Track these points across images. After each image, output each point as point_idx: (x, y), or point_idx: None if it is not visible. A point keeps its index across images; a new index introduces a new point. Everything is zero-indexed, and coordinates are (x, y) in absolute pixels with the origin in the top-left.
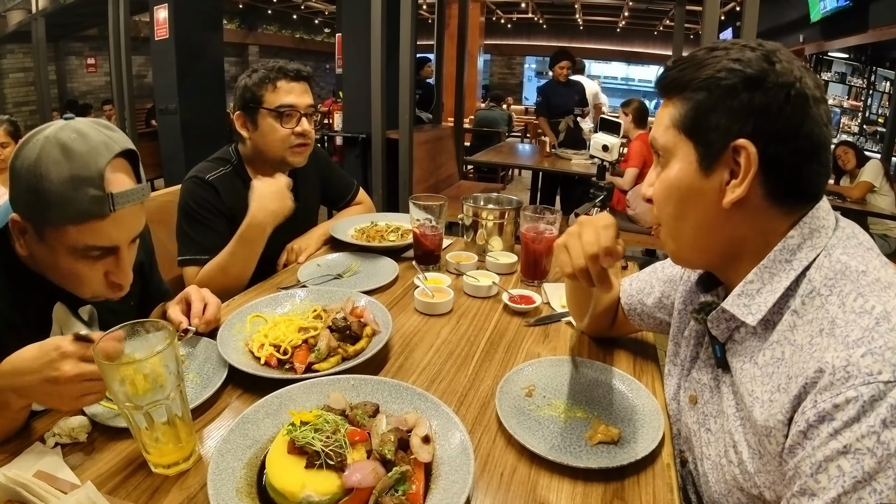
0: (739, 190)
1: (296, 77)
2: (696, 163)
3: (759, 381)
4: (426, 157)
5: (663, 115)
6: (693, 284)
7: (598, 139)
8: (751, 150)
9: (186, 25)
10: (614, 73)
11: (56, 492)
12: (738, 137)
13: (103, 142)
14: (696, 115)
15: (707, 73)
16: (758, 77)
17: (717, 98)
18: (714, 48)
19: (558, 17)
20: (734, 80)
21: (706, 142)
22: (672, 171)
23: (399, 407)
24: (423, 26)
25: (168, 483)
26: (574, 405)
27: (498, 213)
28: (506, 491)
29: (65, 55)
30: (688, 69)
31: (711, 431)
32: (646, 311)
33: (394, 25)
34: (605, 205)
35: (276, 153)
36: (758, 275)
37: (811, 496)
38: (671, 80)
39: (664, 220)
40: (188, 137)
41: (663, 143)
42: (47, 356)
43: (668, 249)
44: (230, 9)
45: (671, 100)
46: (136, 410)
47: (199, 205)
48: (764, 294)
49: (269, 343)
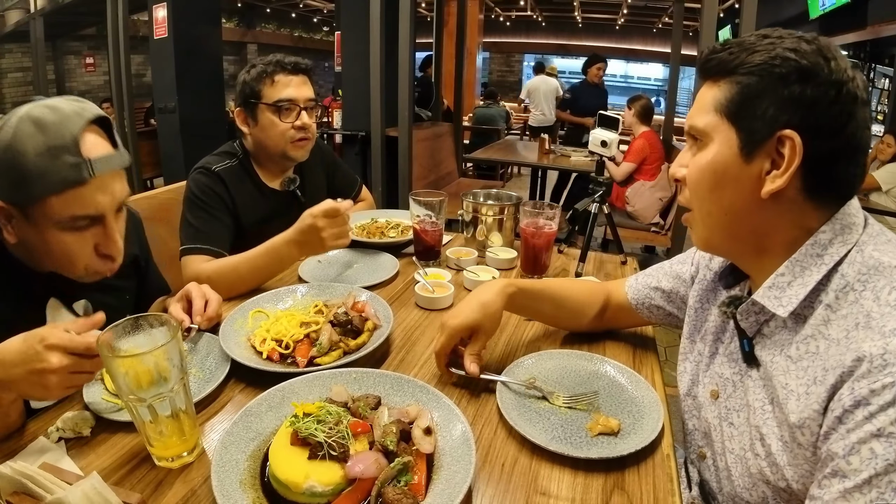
0: (780, 181)
1: (293, 70)
2: (736, 148)
3: (794, 375)
4: (425, 154)
5: (705, 97)
6: (710, 282)
7: (597, 135)
8: (797, 142)
9: (185, 24)
10: (613, 71)
11: (62, 483)
12: (785, 128)
13: (75, 111)
14: (743, 100)
15: (760, 58)
16: (812, 70)
17: (767, 85)
18: (767, 35)
19: (557, 15)
20: (787, 70)
21: (750, 128)
22: (710, 154)
23: (401, 399)
24: (421, 24)
25: (172, 476)
26: (574, 397)
27: (497, 208)
28: (507, 481)
29: (63, 54)
30: (739, 52)
31: (734, 426)
32: (654, 304)
33: (393, 23)
34: (603, 200)
35: (277, 148)
36: (789, 268)
37: (842, 477)
38: (718, 62)
39: (696, 203)
40: (187, 136)
41: (703, 125)
42: (32, 348)
43: (697, 233)
44: (228, 7)
45: (716, 82)
46: (140, 403)
47: (206, 194)
48: (795, 287)
49: (271, 338)
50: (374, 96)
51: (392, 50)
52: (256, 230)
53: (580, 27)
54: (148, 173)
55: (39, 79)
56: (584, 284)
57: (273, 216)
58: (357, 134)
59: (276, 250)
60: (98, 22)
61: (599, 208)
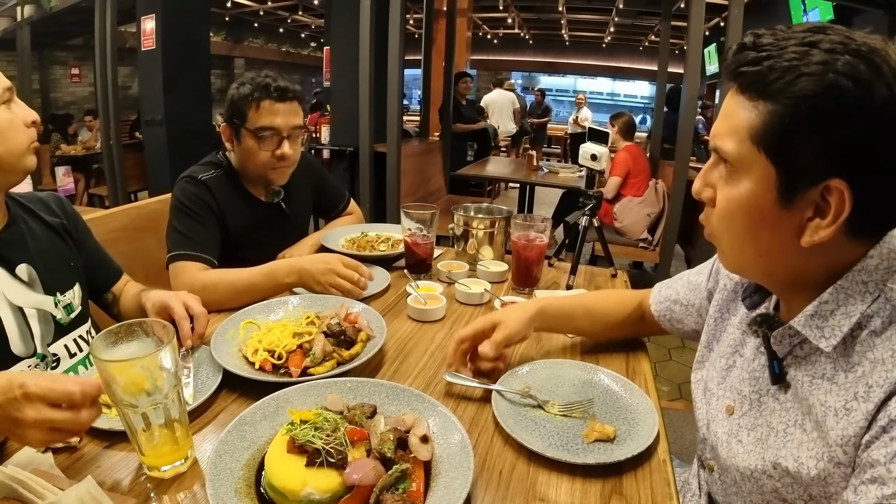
0: (824, 233)
1: (280, 97)
2: (775, 190)
3: (836, 395)
4: (414, 170)
5: (738, 116)
6: (731, 292)
7: (587, 149)
8: (847, 194)
9: (174, 36)
10: (600, 89)
11: (54, 488)
12: (834, 177)
13: None
14: (785, 136)
15: (809, 86)
16: (871, 105)
17: (817, 124)
18: (811, 41)
19: (544, 33)
20: (842, 107)
21: (793, 171)
22: (742, 191)
23: (396, 408)
24: (410, 41)
25: (163, 486)
26: (569, 405)
27: (488, 222)
28: (506, 488)
29: (49, 64)
30: (779, 69)
31: (743, 444)
32: (675, 317)
33: (382, 40)
34: (593, 213)
35: (256, 171)
36: (833, 295)
37: (881, 484)
38: (756, 77)
39: (724, 236)
40: (174, 149)
41: (736, 153)
42: (11, 393)
43: (727, 260)
44: (216, 21)
45: (751, 100)
46: (132, 410)
47: (193, 202)
48: (838, 317)
49: (264, 348)
50: (363, 112)
51: (381, 66)
52: (242, 239)
53: (567, 45)
54: (133, 186)
55: (25, 88)
56: (614, 295)
57: (259, 226)
58: (345, 149)
59: (274, 273)
60: (85, 32)
61: (590, 221)
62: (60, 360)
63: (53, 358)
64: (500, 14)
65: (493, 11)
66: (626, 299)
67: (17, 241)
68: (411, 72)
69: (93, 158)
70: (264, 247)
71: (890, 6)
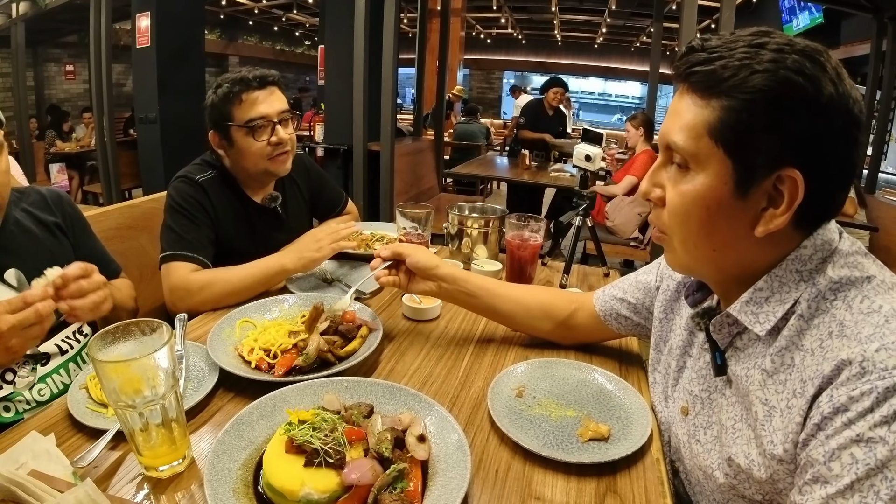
0: (779, 220)
1: (260, 85)
2: (731, 183)
3: (773, 389)
4: (407, 169)
5: (691, 114)
6: (674, 292)
7: (581, 149)
8: (800, 182)
9: (169, 33)
10: (591, 89)
11: (53, 491)
12: (788, 166)
13: None
14: (742, 130)
15: (762, 82)
16: (820, 98)
17: (772, 116)
18: (759, 42)
19: (537, 33)
20: (794, 100)
21: (749, 163)
22: (698, 185)
23: (393, 408)
24: (404, 40)
25: (161, 486)
26: (564, 404)
27: (483, 221)
28: (502, 487)
29: (43, 61)
30: (732, 67)
31: (701, 443)
32: (622, 315)
33: (376, 39)
34: (587, 213)
35: (257, 167)
36: (768, 282)
37: (824, 483)
38: (706, 77)
39: (677, 232)
40: (168, 147)
41: (692, 150)
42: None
43: (676, 259)
44: (211, 19)
45: (704, 98)
46: (130, 410)
47: (188, 202)
48: (772, 303)
49: (259, 347)
50: (357, 111)
51: (375, 65)
52: (237, 242)
53: (559, 45)
54: (127, 184)
55: (19, 85)
56: (548, 291)
57: (254, 229)
58: (339, 148)
59: (269, 263)
60: (80, 30)
61: (583, 221)
62: (50, 358)
63: (43, 356)
64: (494, 14)
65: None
66: (559, 296)
67: (7, 245)
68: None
69: (87, 156)
70: (259, 250)
71: (877, 10)
